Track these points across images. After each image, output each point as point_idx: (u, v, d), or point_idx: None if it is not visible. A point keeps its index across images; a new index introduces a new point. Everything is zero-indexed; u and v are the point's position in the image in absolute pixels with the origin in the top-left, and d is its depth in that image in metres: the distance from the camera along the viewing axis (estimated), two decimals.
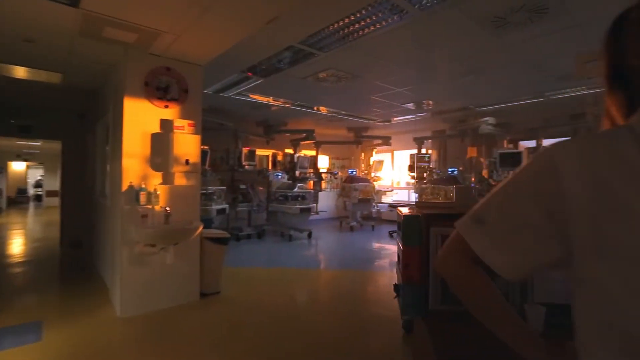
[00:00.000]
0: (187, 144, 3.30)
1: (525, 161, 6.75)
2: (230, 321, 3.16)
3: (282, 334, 2.93)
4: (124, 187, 3.15)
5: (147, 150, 3.25)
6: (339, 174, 9.89)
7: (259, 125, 8.44)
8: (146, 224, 3.13)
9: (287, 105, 6.66)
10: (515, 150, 6.73)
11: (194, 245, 3.52)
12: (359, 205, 8.39)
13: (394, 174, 10.65)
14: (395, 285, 3.00)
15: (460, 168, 7.76)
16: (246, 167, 7.10)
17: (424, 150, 8.74)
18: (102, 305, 3.42)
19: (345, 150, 10.71)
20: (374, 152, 10.08)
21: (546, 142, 6.93)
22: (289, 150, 9.13)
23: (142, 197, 3.09)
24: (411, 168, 8.41)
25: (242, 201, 7.00)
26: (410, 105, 6.70)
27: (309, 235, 7.32)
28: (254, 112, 7.21)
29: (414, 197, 9.19)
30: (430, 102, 6.44)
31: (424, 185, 7.07)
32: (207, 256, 3.64)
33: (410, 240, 2.43)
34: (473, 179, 7.56)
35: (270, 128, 8.32)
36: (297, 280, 4.48)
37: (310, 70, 4.60)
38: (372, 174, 9.64)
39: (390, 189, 9.79)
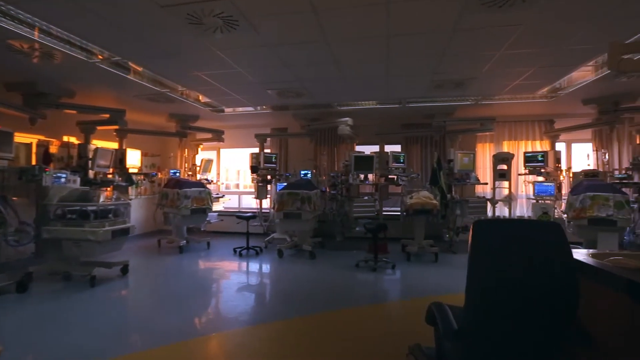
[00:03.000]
0: None
1: (374, 166, 6.91)
2: None
3: None
4: None
5: None
6: (159, 175, 7.26)
7: (13, 90, 4.84)
8: None
9: (92, 60, 3.92)
10: (368, 154, 6.68)
11: None
12: (191, 218, 6.29)
13: (221, 176, 8.92)
14: None
15: (314, 170, 7.13)
16: None
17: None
18: None
19: (158, 145, 8.05)
20: (199, 149, 8.03)
21: (387, 148, 7.31)
22: (73, 139, 5.84)
23: None
24: (254, 169, 7.09)
25: None
26: (272, 92, 5.41)
27: (124, 271, 4.71)
28: (9, 59, 3.91)
29: (253, 203, 7.91)
30: (274, 92, 5.40)
31: (282, 191, 5.99)
32: None
33: None
34: (324, 178, 7.11)
35: (39, 97, 4.92)
36: None
37: None
38: (199, 176, 7.62)
39: (221, 194, 8.04)
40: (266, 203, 7.61)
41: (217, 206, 7.67)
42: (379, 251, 5.44)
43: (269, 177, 7.29)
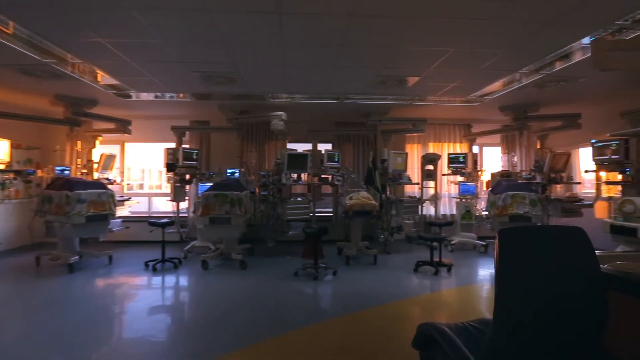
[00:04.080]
0: None
1: (309, 164, 6.48)
2: None
3: None
4: None
5: None
6: (38, 173, 5.62)
7: None
8: None
9: None
10: (303, 152, 6.23)
11: None
12: (86, 227, 4.99)
13: (126, 175, 7.52)
14: None
15: (242, 169, 6.39)
16: None
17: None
18: None
19: (37, 135, 6.33)
20: (97, 142, 6.56)
21: (321, 146, 6.96)
22: None
23: None
24: (171, 167, 6.05)
25: None
26: (197, 76, 4.58)
27: None
28: None
29: (165, 206, 6.84)
30: (200, 75, 4.67)
31: (207, 192, 5.18)
32: None
33: None
34: (253, 178, 6.44)
35: None
36: None
37: None
38: (97, 175, 6.23)
39: (126, 196, 6.71)
40: (184, 206, 6.60)
41: (122, 211, 6.36)
42: (311, 255, 5.01)
43: (188, 176, 6.32)
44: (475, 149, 7.72)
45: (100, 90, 5.14)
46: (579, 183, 6.59)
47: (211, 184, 5.66)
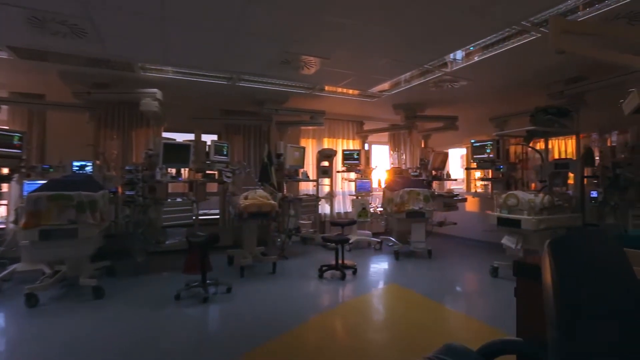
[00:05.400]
0: None
1: (191, 157, 5.29)
2: None
3: None
4: None
5: None
6: None
7: None
8: None
9: None
10: (184, 142, 5.06)
11: None
12: None
13: None
14: None
15: (97, 162, 4.79)
16: None
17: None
18: None
19: None
20: None
21: (205, 137, 5.86)
22: None
23: None
24: None
25: None
26: (20, 18, 3.03)
27: None
28: None
29: None
30: (25, 16, 3.25)
31: (36, 194, 3.63)
32: None
33: None
34: (114, 173, 4.96)
35: None
36: None
37: None
38: None
39: None
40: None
41: None
42: (197, 269, 4.01)
43: (6, 170, 4.40)
44: (366, 146, 7.81)
45: None
46: (456, 180, 7.27)
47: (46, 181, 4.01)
